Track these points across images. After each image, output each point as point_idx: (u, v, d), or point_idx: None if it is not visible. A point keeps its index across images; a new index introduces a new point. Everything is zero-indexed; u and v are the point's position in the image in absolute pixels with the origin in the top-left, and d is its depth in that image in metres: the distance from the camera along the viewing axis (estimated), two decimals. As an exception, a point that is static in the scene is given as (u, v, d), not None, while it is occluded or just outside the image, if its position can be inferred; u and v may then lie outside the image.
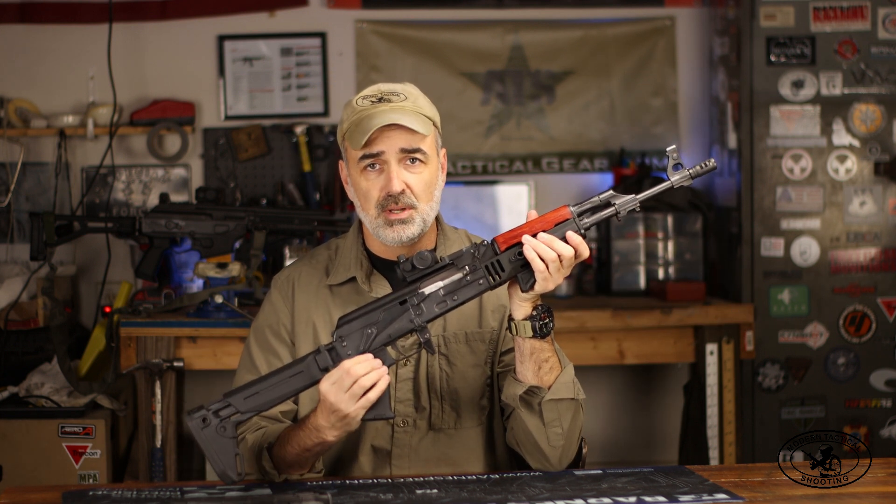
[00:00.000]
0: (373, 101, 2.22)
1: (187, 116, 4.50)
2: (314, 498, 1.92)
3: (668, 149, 2.09)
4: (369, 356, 2.04)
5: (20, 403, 3.88)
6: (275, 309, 2.33)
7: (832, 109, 4.26)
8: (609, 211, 2.08)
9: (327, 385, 2.03)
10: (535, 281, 2.06)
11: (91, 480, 3.78)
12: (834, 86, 4.25)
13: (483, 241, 2.12)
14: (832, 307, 4.26)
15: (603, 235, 4.53)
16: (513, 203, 4.64)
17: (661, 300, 4.23)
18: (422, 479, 2.14)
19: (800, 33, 4.24)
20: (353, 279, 2.29)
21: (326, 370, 2.05)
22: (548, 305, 2.13)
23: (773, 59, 4.24)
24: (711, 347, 4.04)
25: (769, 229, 4.26)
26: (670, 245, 4.51)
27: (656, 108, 4.76)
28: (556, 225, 2.07)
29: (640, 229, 4.50)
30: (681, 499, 1.97)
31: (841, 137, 4.26)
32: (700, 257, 4.50)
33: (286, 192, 4.52)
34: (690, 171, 2.07)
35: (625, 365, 4.42)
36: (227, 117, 4.61)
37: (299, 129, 4.53)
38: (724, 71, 4.47)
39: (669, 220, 4.50)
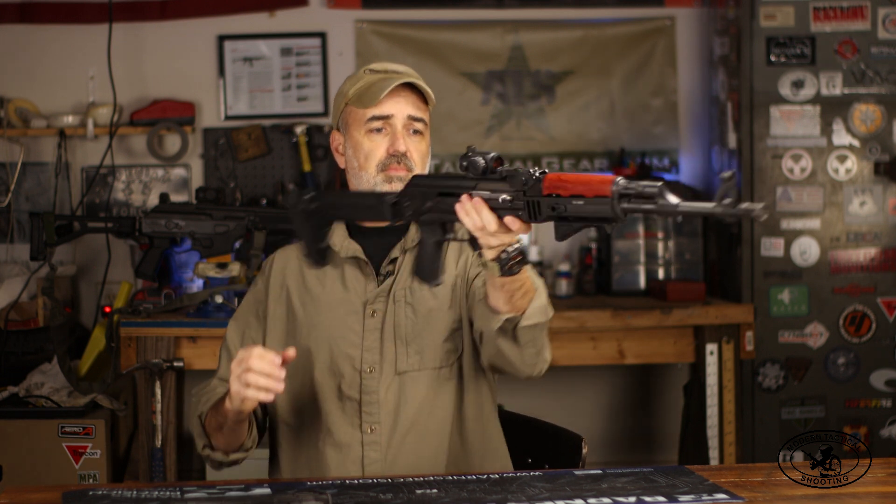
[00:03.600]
0: (380, 73, 2.32)
1: (187, 116, 4.50)
2: (314, 498, 1.92)
3: (723, 174, 1.80)
4: (276, 362, 2.09)
5: (20, 403, 3.88)
6: (254, 291, 2.41)
7: (832, 109, 4.26)
8: (648, 206, 1.84)
9: (237, 355, 2.11)
10: (574, 233, 1.97)
11: (91, 480, 3.78)
12: (834, 86, 4.25)
13: (539, 171, 1.97)
14: (832, 307, 4.26)
15: (603, 235, 4.52)
16: (513, 203, 4.63)
17: (661, 300, 4.23)
18: (421, 478, 2.14)
19: (800, 33, 4.24)
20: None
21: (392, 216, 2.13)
22: (520, 247, 2.04)
23: (773, 59, 4.24)
24: (711, 347, 4.04)
25: (769, 229, 4.26)
26: (670, 245, 4.50)
27: (656, 108, 4.76)
28: (595, 196, 1.87)
29: (640, 229, 4.50)
30: (681, 499, 1.97)
31: (841, 137, 4.26)
32: (700, 257, 4.50)
33: (286, 193, 4.52)
34: (738, 210, 1.78)
35: (625, 365, 4.41)
36: (227, 117, 4.61)
37: (299, 129, 4.53)
38: (724, 71, 4.47)
39: (669, 219, 4.49)
